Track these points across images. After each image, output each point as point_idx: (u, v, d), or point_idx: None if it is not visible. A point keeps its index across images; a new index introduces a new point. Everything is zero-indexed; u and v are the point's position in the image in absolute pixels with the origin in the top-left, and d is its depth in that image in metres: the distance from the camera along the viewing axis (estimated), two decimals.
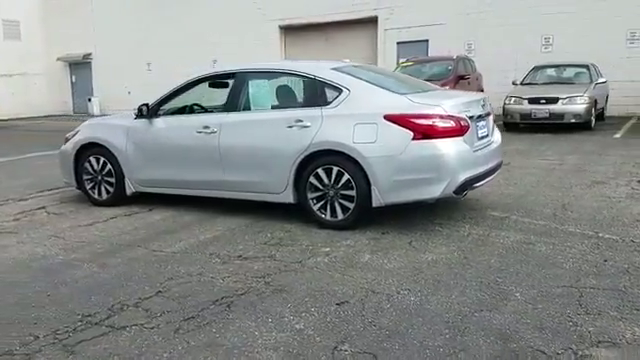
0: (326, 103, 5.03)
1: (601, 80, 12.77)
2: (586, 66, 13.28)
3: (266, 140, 5.21)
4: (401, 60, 14.90)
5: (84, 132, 6.37)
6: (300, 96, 5.39)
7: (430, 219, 5.21)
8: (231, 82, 5.65)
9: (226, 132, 5.41)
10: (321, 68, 5.30)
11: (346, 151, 4.79)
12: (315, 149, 4.93)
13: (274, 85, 5.61)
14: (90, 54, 25.51)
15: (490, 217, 5.25)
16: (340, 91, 5.00)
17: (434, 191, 4.64)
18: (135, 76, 23.81)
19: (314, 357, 2.78)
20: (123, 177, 6.09)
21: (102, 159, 6.17)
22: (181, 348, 2.93)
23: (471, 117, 4.88)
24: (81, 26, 24.89)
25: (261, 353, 2.84)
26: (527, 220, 5.12)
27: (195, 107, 6.04)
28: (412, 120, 4.62)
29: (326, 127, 4.91)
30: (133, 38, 23.36)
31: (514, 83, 13.59)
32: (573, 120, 11.67)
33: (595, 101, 12.14)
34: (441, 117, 4.63)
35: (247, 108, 5.53)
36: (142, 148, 5.92)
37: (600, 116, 13.32)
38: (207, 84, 5.91)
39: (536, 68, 13.93)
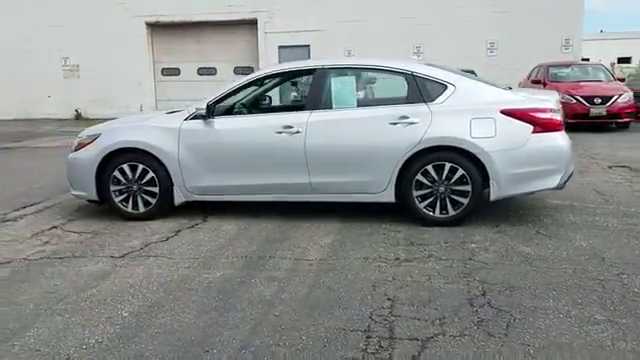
0: (430, 99, 5.01)
1: None
2: (471, 71, 14.69)
3: (366, 138, 5.03)
4: None
5: (112, 136, 5.47)
6: (395, 92, 5.27)
7: (512, 210, 5.46)
8: (310, 78, 5.31)
9: (314, 132, 5.09)
10: (416, 64, 5.26)
11: (465, 146, 4.84)
12: (426, 145, 4.90)
13: (360, 81, 5.40)
14: None
15: (559, 205, 5.66)
16: (445, 87, 5.02)
17: (552, 182, 4.91)
18: None
19: None
20: (171, 186, 5.35)
21: (140, 166, 5.37)
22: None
23: None
24: None
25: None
26: (593, 205, 5.65)
27: (260, 105, 5.56)
28: (532, 114, 4.84)
29: (438, 123, 4.90)
30: None
31: None
32: None
33: None
34: (552, 111, 4.93)
35: (329, 106, 5.25)
36: (202, 152, 5.29)
37: None
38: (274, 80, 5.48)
39: None
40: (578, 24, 17.41)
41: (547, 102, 4.99)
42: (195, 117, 5.34)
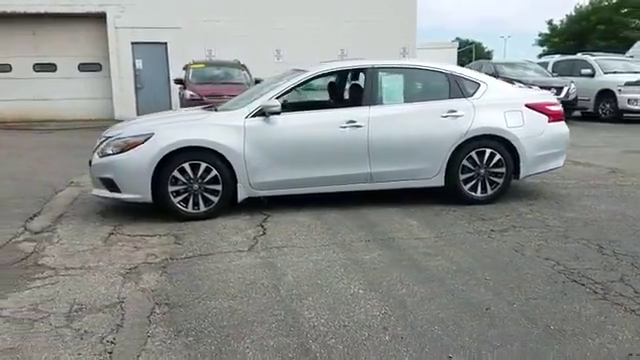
0: (469, 95, 5.84)
1: None
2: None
3: (422, 130, 5.68)
4: (191, 62, 14.64)
5: (171, 135, 5.28)
6: (437, 89, 5.94)
7: (540, 186, 6.54)
8: (362, 76, 5.78)
9: (375, 125, 5.57)
10: (451, 65, 6.05)
11: (503, 135, 5.77)
12: (473, 135, 5.72)
13: (406, 80, 5.97)
14: None
15: (535, 183, 6.87)
16: (478, 85, 5.91)
17: (560, 162, 6.12)
18: None
19: None
20: (235, 183, 5.39)
21: (203, 164, 5.29)
22: None
23: None
24: None
25: None
26: (560, 182, 6.97)
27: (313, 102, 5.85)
28: (547, 107, 5.98)
29: (480, 115, 5.75)
30: None
31: None
32: None
33: None
34: (556, 104, 6.13)
35: (381, 102, 5.78)
36: (269, 148, 5.41)
37: None
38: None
39: None
40: (411, 36, 19.74)
41: (552, 97, 6.17)
42: (257, 114, 5.41)
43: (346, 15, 18.50)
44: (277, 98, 5.50)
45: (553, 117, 5.98)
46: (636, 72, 16.49)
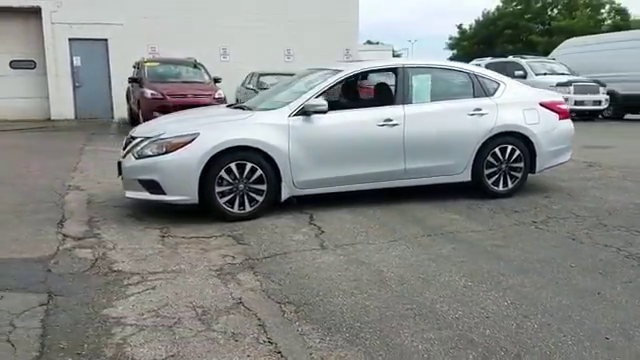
0: (491, 94, 6.13)
1: None
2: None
3: (453, 127, 5.89)
4: (143, 59, 14.06)
5: (218, 135, 5.14)
6: (461, 88, 6.15)
7: (540, 179, 6.91)
8: (393, 76, 5.90)
9: (411, 123, 5.73)
10: (472, 66, 6.30)
11: (523, 132, 6.09)
12: (497, 132, 6.00)
13: (433, 79, 6.13)
14: None
15: (534, 177, 7.31)
16: (498, 84, 6.21)
17: (567, 157, 6.57)
18: None
19: None
20: (279, 182, 5.35)
21: (249, 164, 5.21)
22: None
23: None
24: None
25: None
26: (554, 174, 7.44)
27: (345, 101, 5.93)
28: (558, 105, 6.39)
29: (503, 113, 6.05)
30: None
31: (244, 86, 15.08)
32: None
33: None
34: (564, 103, 6.56)
35: (411, 101, 5.94)
36: (312, 147, 5.41)
37: None
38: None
39: (253, 74, 15.77)
40: (354, 37, 20.12)
41: (560, 96, 6.59)
42: (299, 112, 5.41)
43: (290, 15, 18.55)
44: (317, 97, 5.48)
45: (562, 115, 6.39)
46: (560, 74, 17.70)
